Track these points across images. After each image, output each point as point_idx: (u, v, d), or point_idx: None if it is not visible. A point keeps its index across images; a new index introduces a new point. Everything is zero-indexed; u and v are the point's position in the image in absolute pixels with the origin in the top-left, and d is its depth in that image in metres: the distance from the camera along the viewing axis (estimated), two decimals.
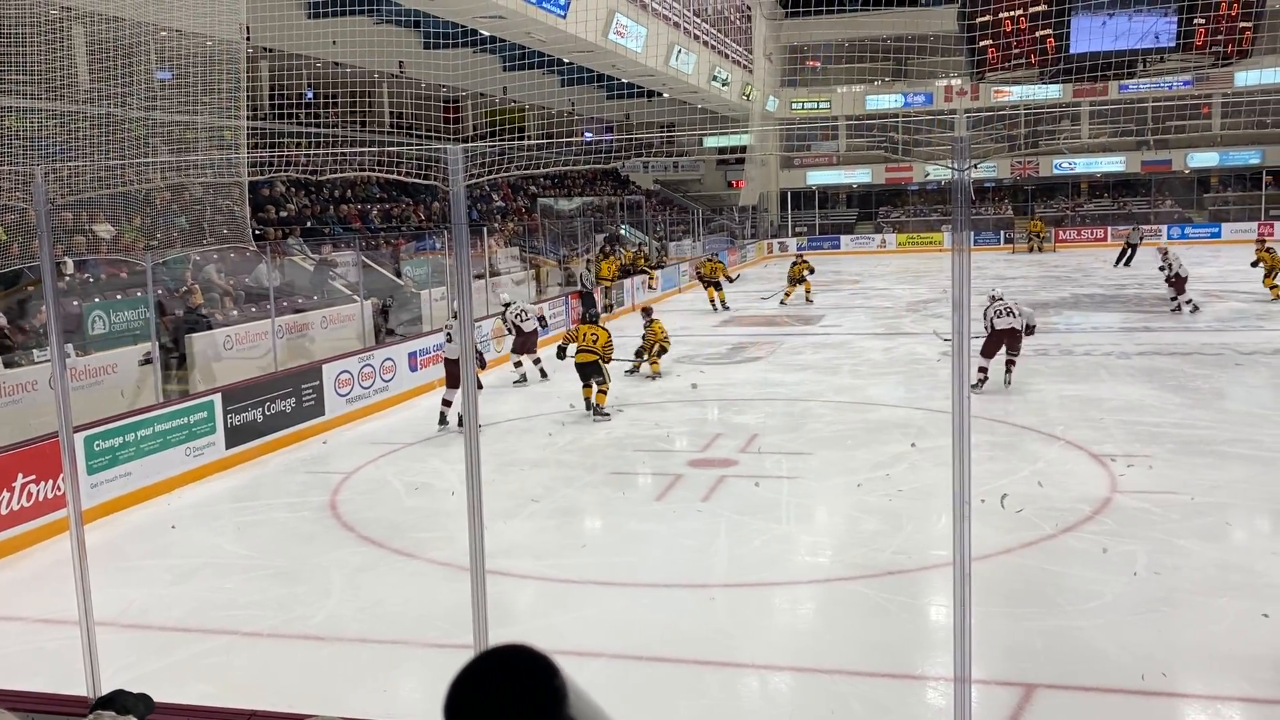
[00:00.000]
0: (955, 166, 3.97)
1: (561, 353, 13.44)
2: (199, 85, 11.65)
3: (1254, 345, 15.67)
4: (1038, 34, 24.83)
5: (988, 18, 25.80)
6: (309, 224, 19.98)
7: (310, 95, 23.74)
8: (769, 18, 41.35)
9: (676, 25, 30.36)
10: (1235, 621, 6.05)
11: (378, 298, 16.26)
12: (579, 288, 21.48)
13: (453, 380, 12.05)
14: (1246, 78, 37.85)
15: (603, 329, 13.35)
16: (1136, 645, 5.79)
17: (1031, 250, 37.35)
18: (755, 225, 43.70)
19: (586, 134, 32.45)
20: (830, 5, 32.08)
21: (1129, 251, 30.33)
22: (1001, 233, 40.34)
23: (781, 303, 23.94)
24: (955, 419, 4.11)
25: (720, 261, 24.63)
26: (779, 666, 5.89)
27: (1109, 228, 40.13)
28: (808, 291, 24.06)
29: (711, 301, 23.29)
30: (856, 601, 6.69)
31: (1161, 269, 19.96)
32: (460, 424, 11.16)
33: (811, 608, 6.88)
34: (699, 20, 32.55)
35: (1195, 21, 24.51)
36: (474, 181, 4.30)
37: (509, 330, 15.42)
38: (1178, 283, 19.58)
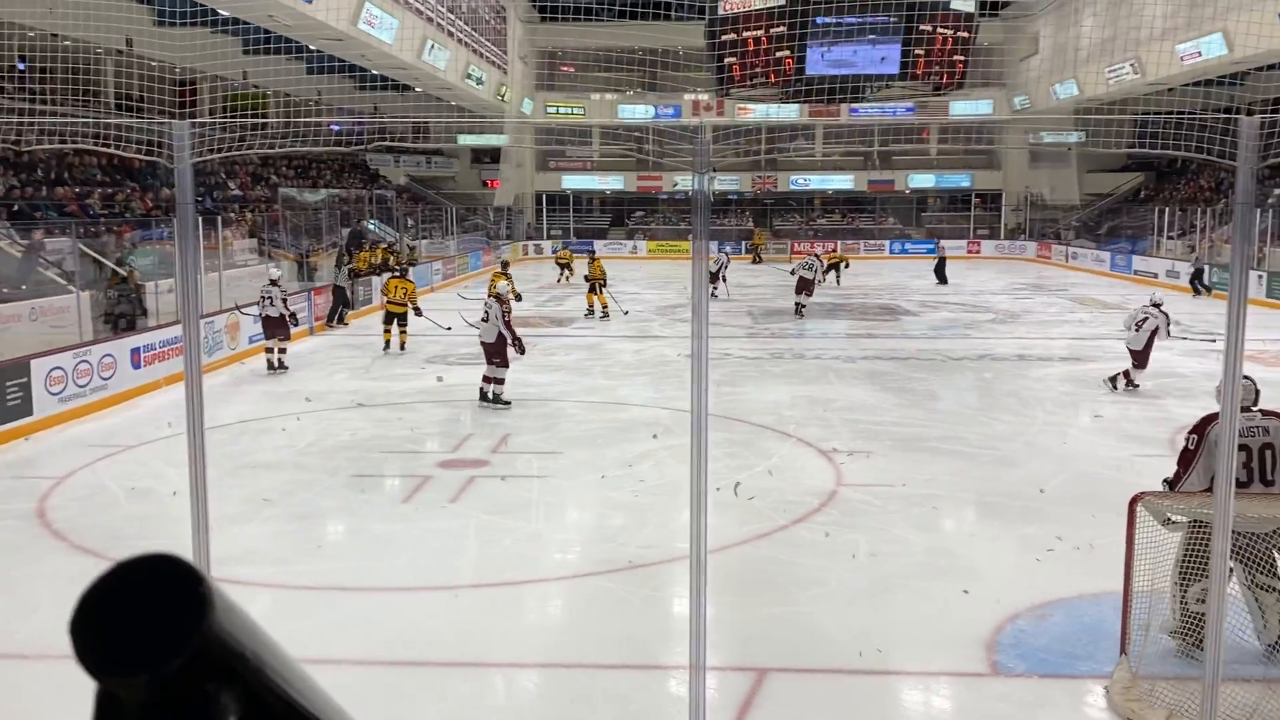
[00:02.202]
0: (695, 173, 4.12)
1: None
2: None
3: (962, 351, 17.21)
4: (777, 54, 26.23)
5: (732, 35, 27.01)
6: (16, 206, 18.18)
7: (22, 67, 21.67)
8: (524, 20, 41.44)
9: (430, 20, 29.86)
10: (943, 602, 6.61)
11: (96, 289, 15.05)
12: (333, 281, 20.80)
13: (497, 355, 12.61)
14: (962, 107, 41.61)
15: (409, 281, 17.50)
16: (857, 627, 6.21)
17: (755, 261, 39.42)
18: (511, 226, 43.63)
19: (334, 126, 31.30)
20: (583, 13, 32.53)
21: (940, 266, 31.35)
22: (744, 243, 42.25)
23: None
24: (694, 417, 4.27)
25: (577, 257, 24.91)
26: (525, 664, 5.91)
27: (839, 242, 42.88)
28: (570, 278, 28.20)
29: (593, 306, 22.29)
30: (602, 596, 6.81)
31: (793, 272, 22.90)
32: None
33: (559, 604, 6.95)
34: (453, 17, 32.15)
35: (916, 52, 26.68)
36: (204, 159, 4.06)
37: (260, 307, 14.98)
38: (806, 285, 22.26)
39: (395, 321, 16.98)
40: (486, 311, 12.79)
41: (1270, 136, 4.04)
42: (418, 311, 16.92)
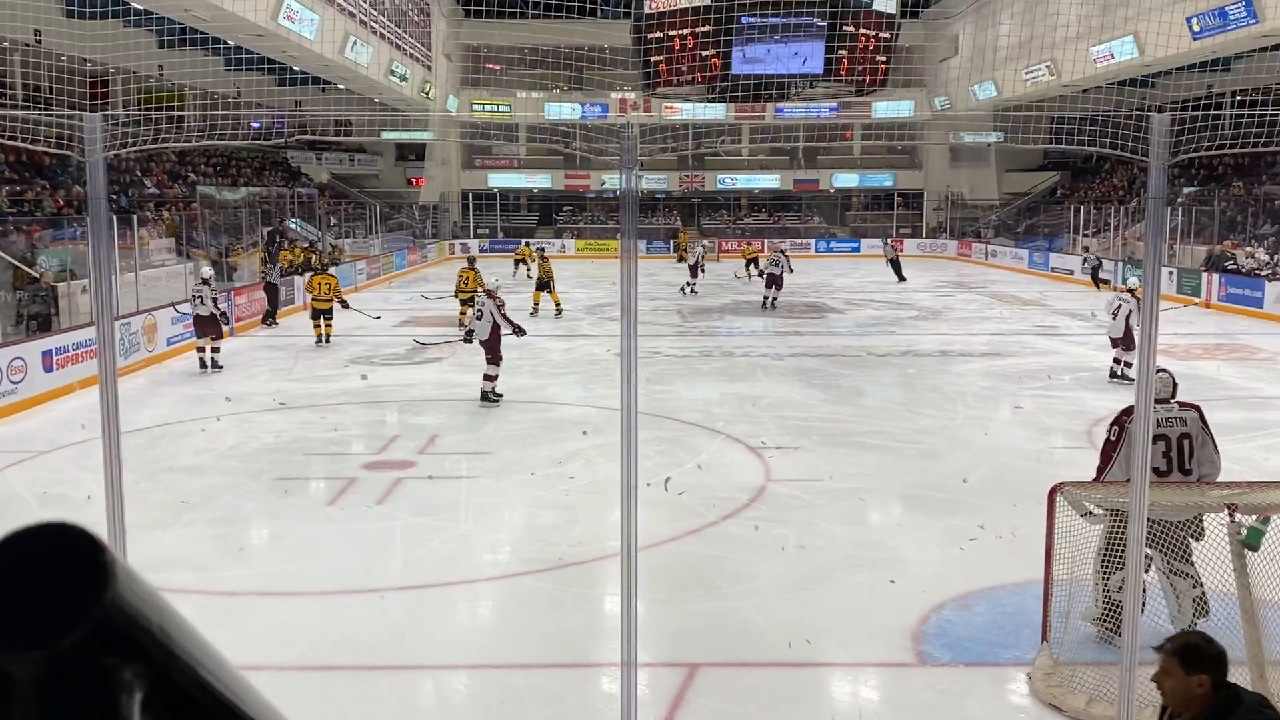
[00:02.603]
0: (623, 170, 4.11)
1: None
2: None
3: (886, 349, 17.47)
4: (704, 53, 26.38)
5: (659, 34, 27.10)
6: None
7: None
8: (448, 17, 41.02)
9: (352, 15, 29.40)
10: (871, 594, 6.70)
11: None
12: (263, 280, 20.54)
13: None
14: (884, 108, 42.26)
15: (332, 276, 17.94)
16: (786, 620, 6.26)
17: (680, 259, 39.50)
18: (437, 225, 43.15)
19: (255, 124, 30.65)
20: (508, 8, 32.28)
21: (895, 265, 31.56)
22: (671, 242, 42.37)
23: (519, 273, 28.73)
24: (624, 415, 4.26)
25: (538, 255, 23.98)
26: (454, 665, 5.85)
27: (765, 240, 43.25)
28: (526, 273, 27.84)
29: (545, 306, 21.96)
30: (533, 596, 6.77)
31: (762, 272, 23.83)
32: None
33: (489, 605, 6.89)
34: (376, 13, 31.70)
35: (839, 52, 27.07)
36: (117, 152, 3.93)
37: (191, 306, 14.83)
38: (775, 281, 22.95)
39: (321, 317, 17.52)
40: (481, 309, 12.94)
41: (1180, 134, 4.16)
42: (344, 304, 17.56)
